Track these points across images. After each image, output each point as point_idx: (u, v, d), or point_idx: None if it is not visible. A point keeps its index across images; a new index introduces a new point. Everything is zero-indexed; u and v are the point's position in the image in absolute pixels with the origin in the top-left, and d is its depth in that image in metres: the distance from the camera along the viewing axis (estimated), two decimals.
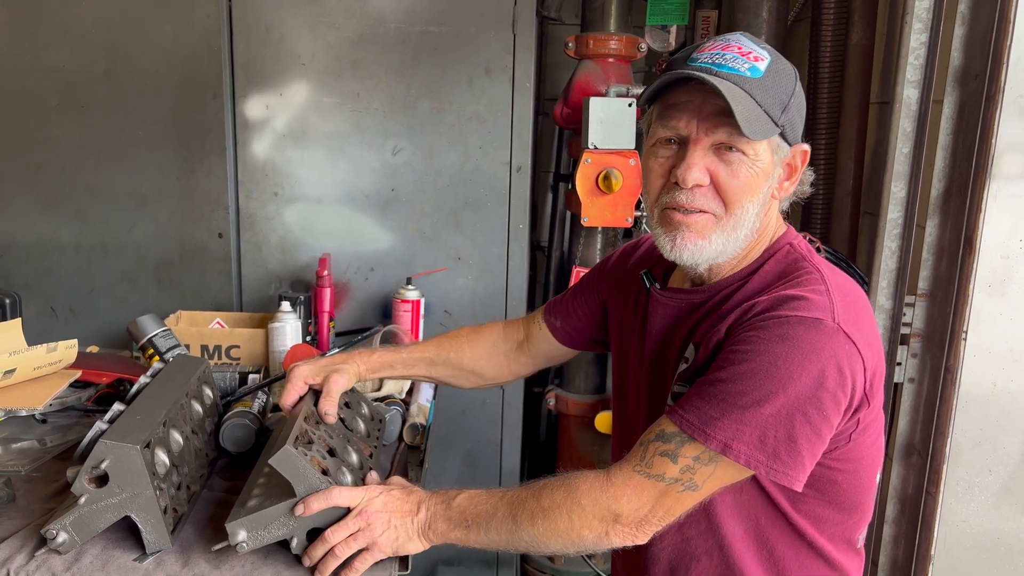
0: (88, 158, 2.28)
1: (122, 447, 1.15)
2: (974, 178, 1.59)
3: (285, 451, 1.14)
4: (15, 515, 1.29)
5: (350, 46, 2.24)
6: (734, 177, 1.10)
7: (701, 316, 1.19)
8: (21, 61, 2.22)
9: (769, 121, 1.08)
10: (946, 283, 1.68)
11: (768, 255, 1.18)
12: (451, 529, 1.16)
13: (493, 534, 1.14)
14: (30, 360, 1.63)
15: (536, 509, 1.13)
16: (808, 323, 1.04)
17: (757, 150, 1.10)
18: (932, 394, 1.71)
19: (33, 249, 2.33)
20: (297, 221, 2.35)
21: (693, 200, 1.11)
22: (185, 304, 2.31)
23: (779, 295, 1.09)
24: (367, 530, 1.15)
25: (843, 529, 1.21)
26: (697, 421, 1.06)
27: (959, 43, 1.62)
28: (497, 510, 1.15)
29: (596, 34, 2.38)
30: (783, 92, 1.09)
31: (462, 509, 1.16)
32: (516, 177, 2.34)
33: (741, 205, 1.11)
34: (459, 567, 2.58)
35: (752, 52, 1.09)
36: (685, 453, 1.07)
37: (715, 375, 1.08)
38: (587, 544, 1.13)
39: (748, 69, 1.07)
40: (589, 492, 1.11)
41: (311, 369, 1.42)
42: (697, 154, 1.10)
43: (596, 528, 1.11)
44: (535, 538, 1.13)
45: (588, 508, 1.10)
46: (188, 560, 1.19)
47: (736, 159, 1.09)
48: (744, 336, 1.07)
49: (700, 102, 1.08)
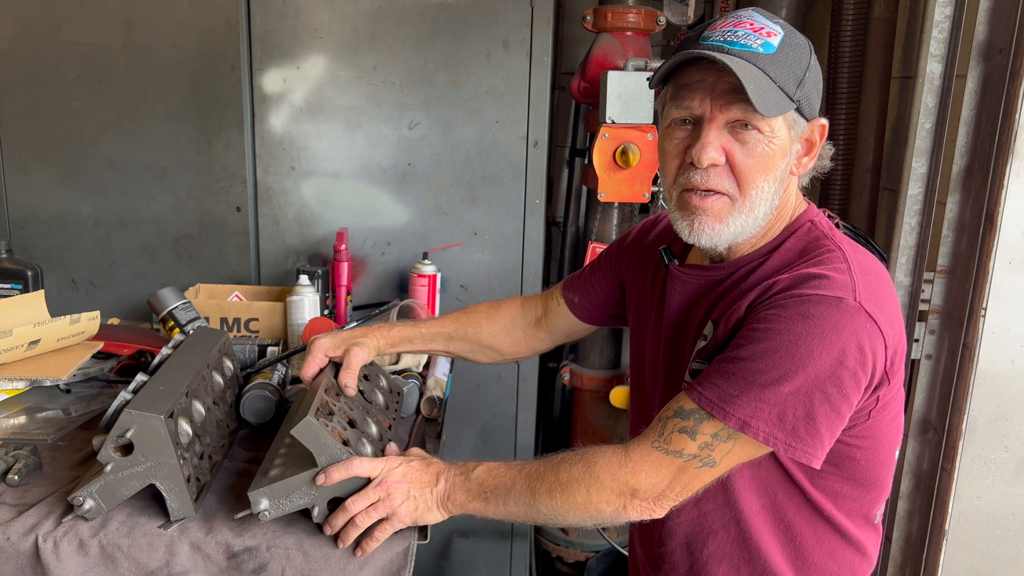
0: (107, 131, 2.29)
1: (146, 416, 1.17)
2: (996, 154, 1.58)
3: (306, 422, 1.16)
4: (42, 482, 1.31)
5: (367, 19, 2.24)
6: (749, 156, 1.09)
7: (720, 293, 1.19)
8: (40, 34, 2.23)
9: (784, 97, 1.07)
10: (966, 260, 1.67)
11: (789, 232, 1.18)
12: (470, 500, 1.17)
13: (511, 506, 1.16)
14: (54, 331, 1.65)
15: (555, 482, 1.14)
16: (829, 302, 1.04)
17: (773, 127, 1.09)
18: (949, 371, 1.71)
19: (53, 222, 2.35)
20: (314, 195, 2.35)
21: (708, 180, 1.11)
22: (204, 277, 2.33)
23: (800, 273, 1.09)
24: (387, 500, 1.17)
25: (861, 505, 1.21)
26: (716, 398, 1.06)
27: (984, 16, 1.60)
28: (516, 483, 1.16)
29: (614, 7, 2.36)
30: (798, 66, 1.08)
31: (481, 481, 1.17)
32: (533, 152, 2.33)
33: (756, 185, 1.10)
34: (474, 539, 2.61)
35: (765, 28, 1.08)
36: (704, 430, 1.07)
37: (734, 352, 1.08)
38: (604, 518, 1.14)
39: (761, 45, 1.06)
40: (607, 467, 1.12)
41: (332, 342, 1.43)
42: (712, 133, 1.09)
43: (614, 502, 1.12)
44: (553, 511, 1.15)
45: (606, 482, 1.12)
46: (211, 528, 1.21)
47: (752, 137, 1.09)
48: (765, 314, 1.07)
49: (713, 80, 1.08)
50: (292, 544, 1.18)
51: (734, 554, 1.23)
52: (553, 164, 2.81)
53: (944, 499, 1.72)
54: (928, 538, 1.76)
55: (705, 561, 1.25)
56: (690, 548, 1.27)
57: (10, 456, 1.34)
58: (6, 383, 1.57)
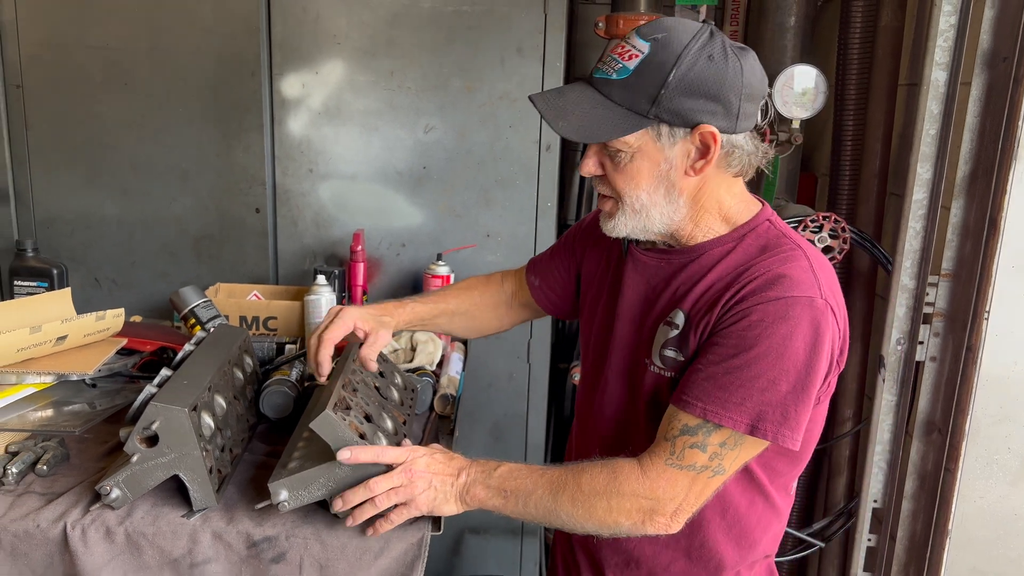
0: (130, 134, 2.35)
1: (171, 409, 1.21)
2: (1000, 160, 1.60)
3: (325, 415, 1.20)
4: (70, 473, 1.36)
5: (385, 25, 2.28)
6: (616, 170, 1.21)
7: (685, 280, 1.25)
8: (67, 39, 2.29)
9: (631, 117, 1.14)
10: (970, 264, 1.69)
11: (748, 229, 1.24)
12: (489, 497, 1.22)
13: (531, 508, 1.21)
14: (81, 327, 1.70)
15: (576, 492, 1.19)
16: (803, 303, 1.13)
17: (631, 144, 1.17)
18: (953, 373, 1.74)
19: (78, 222, 2.41)
20: (331, 197, 2.40)
21: (597, 186, 1.25)
22: (223, 277, 2.38)
23: (771, 275, 1.15)
24: (409, 487, 1.20)
25: (788, 479, 1.31)
26: (721, 409, 1.13)
27: (988, 25, 1.63)
28: (537, 487, 1.20)
29: (626, 14, 2.40)
30: (652, 85, 1.13)
31: (502, 480, 1.22)
32: (545, 156, 2.37)
33: (630, 193, 1.21)
34: (485, 535, 2.64)
35: (631, 51, 1.15)
36: (712, 441, 1.14)
37: (725, 361, 1.14)
38: (622, 530, 1.20)
39: (616, 71, 1.15)
40: (627, 482, 1.17)
41: (361, 314, 1.44)
42: (591, 150, 1.22)
43: (633, 517, 1.17)
44: (572, 518, 1.20)
45: (627, 497, 1.17)
46: (232, 517, 1.25)
47: (616, 155, 1.20)
48: (747, 321, 1.14)
49: None
50: (310, 534, 1.23)
51: None
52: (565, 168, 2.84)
53: (947, 499, 1.74)
54: (932, 538, 1.78)
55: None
56: None
57: (39, 447, 1.39)
58: (35, 377, 1.62)
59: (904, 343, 1.81)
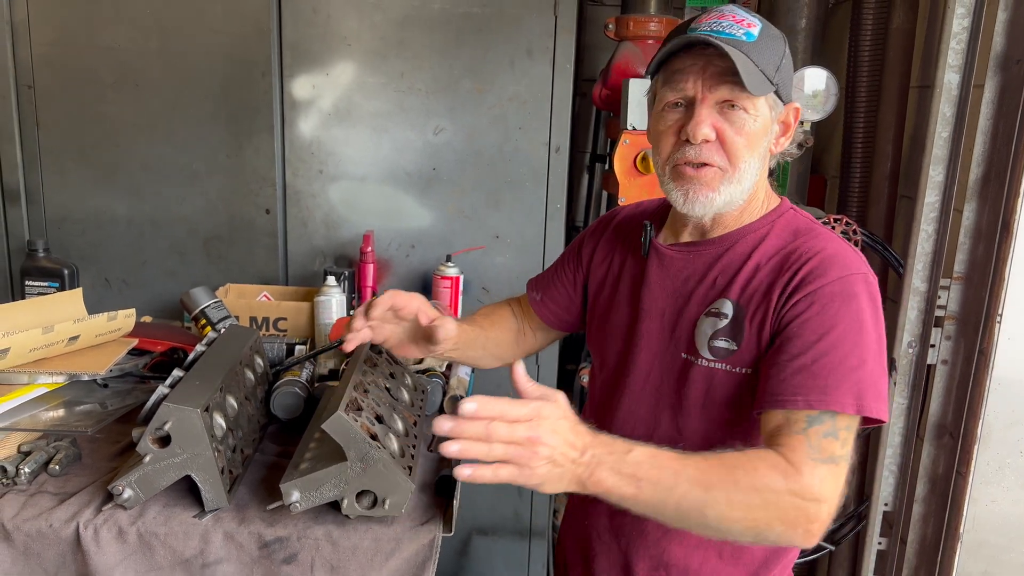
0: (141, 134, 2.35)
1: (183, 410, 1.21)
2: (1013, 163, 1.60)
3: (337, 416, 1.20)
4: (82, 472, 1.36)
5: (395, 27, 2.29)
6: (738, 133, 1.18)
7: (723, 270, 1.25)
8: (78, 40, 2.30)
9: (765, 80, 1.16)
10: (982, 267, 1.69)
11: (777, 215, 1.27)
12: (618, 485, 1.03)
13: (671, 503, 1.05)
14: (92, 328, 1.71)
15: (733, 489, 1.05)
16: (859, 278, 1.16)
17: (757, 106, 1.18)
18: (965, 376, 1.73)
19: (88, 222, 2.42)
20: (341, 198, 2.41)
21: (701, 154, 1.19)
22: (233, 277, 2.39)
23: (823, 256, 1.17)
24: (529, 451, 0.99)
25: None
26: (824, 397, 1.11)
27: (1001, 28, 1.62)
28: (680, 479, 1.04)
29: (636, 16, 2.40)
30: (775, 54, 1.18)
31: (637, 466, 1.04)
32: (554, 157, 2.37)
33: (744, 159, 1.19)
34: (493, 536, 2.65)
35: (745, 20, 1.17)
36: (839, 425, 1.11)
37: (812, 351, 1.13)
38: (771, 536, 1.09)
39: (743, 34, 1.16)
40: (787, 481, 1.07)
41: (425, 305, 1.38)
42: (704, 111, 1.17)
43: (789, 522, 1.07)
44: (723, 520, 1.06)
45: (786, 498, 1.07)
46: (244, 518, 1.25)
47: (739, 116, 1.18)
48: (819, 307, 1.14)
49: (703, 64, 1.17)
50: (322, 535, 1.23)
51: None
52: (574, 169, 2.84)
53: (959, 503, 1.74)
54: (943, 542, 1.78)
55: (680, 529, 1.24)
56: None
57: (51, 447, 1.39)
58: (47, 377, 1.63)
59: (916, 346, 1.80)
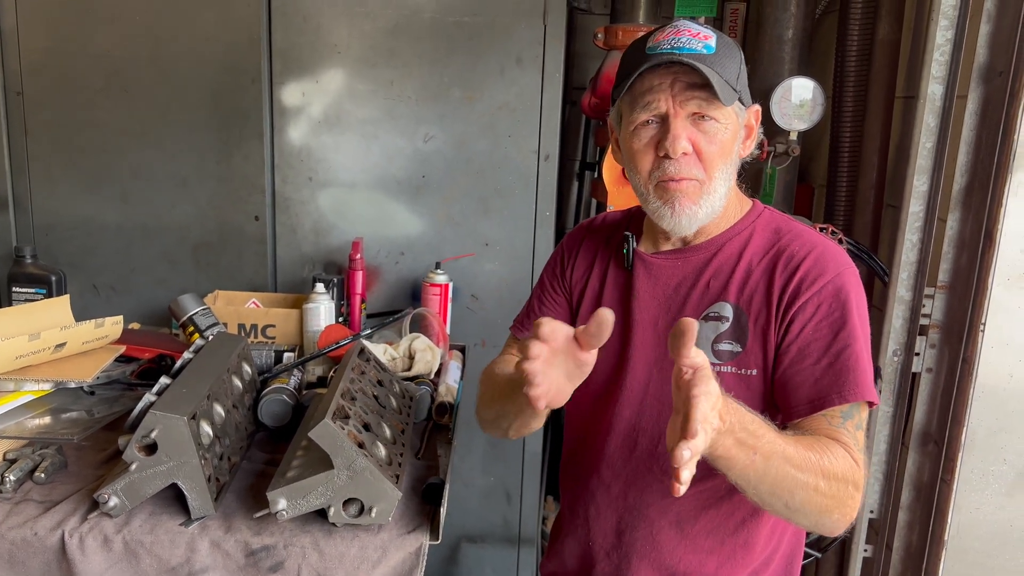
0: (131, 141, 2.35)
1: (170, 418, 1.22)
2: (996, 173, 1.62)
3: (324, 424, 1.20)
4: (68, 480, 1.36)
5: (385, 35, 2.29)
6: (712, 143, 1.21)
7: (715, 274, 1.27)
8: (68, 46, 2.29)
9: (730, 89, 1.19)
10: (966, 276, 1.71)
11: (756, 215, 1.31)
12: (738, 454, 1.01)
13: (768, 481, 1.04)
14: (79, 335, 1.70)
15: (820, 473, 1.07)
16: (850, 270, 1.23)
17: (726, 115, 1.21)
18: (949, 384, 1.75)
19: (77, 229, 2.41)
20: (330, 205, 2.41)
21: (680, 169, 1.21)
22: (222, 284, 2.38)
23: (815, 254, 1.22)
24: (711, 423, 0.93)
25: None
26: (857, 388, 1.16)
27: (984, 40, 1.64)
28: (784, 461, 1.05)
29: (625, 25, 2.41)
30: (734, 62, 1.22)
31: (757, 438, 1.02)
32: (544, 165, 2.38)
33: (719, 168, 1.22)
34: (482, 544, 2.65)
35: (701, 32, 1.21)
36: (863, 416, 1.18)
37: (832, 349, 1.18)
38: (830, 523, 1.12)
39: (703, 47, 1.19)
40: (852, 476, 1.11)
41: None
42: (679, 125, 1.20)
43: (847, 510, 1.12)
44: (808, 502, 1.08)
45: (851, 488, 1.11)
46: (231, 526, 1.26)
47: (711, 127, 1.21)
48: (827, 307, 1.20)
49: (671, 81, 1.19)
50: (308, 543, 1.23)
51: (720, 527, 1.30)
52: (564, 177, 2.85)
53: (943, 510, 1.75)
54: (928, 548, 1.79)
55: (695, 536, 1.30)
56: (681, 526, 1.31)
57: (37, 455, 1.38)
58: (33, 384, 1.62)
59: (900, 354, 1.82)
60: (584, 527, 1.39)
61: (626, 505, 1.33)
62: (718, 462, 1.02)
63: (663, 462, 1.29)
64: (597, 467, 1.35)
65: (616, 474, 1.33)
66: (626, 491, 1.33)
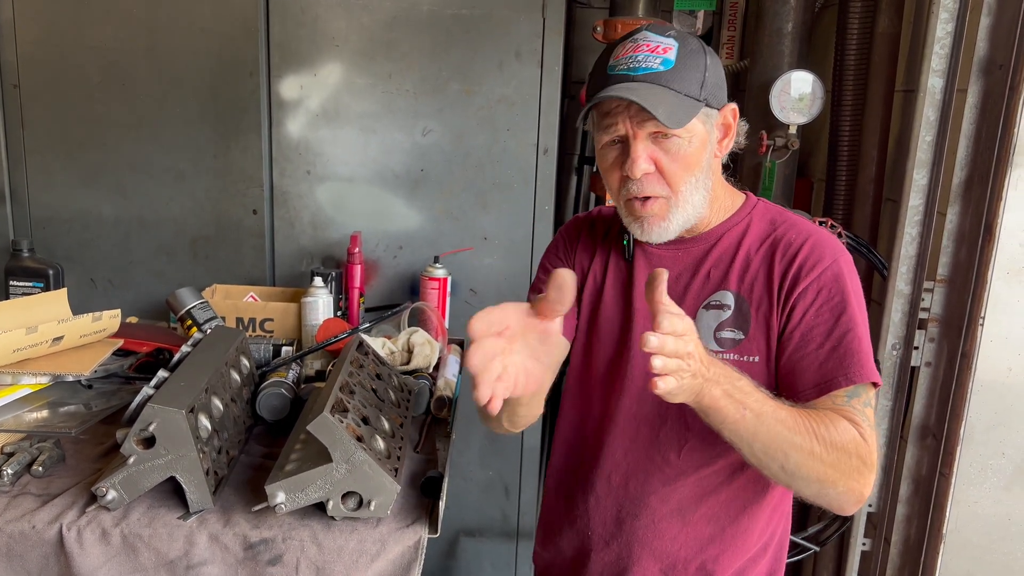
0: (128, 134, 2.34)
1: (168, 411, 1.21)
2: (996, 167, 1.61)
3: (323, 418, 1.20)
4: (66, 474, 1.36)
5: (383, 28, 2.29)
6: (674, 160, 1.21)
7: (715, 263, 1.29)
8: (65, 39, 2.29)
9: (691, 102, 1.18)
10: (965, 270, 1.70)
11: (751, 206, 1.32)
12: (727, 406, 1.06)
13: (762, 434, 1.09)
14: (77, 328, 1.70)
15: (815, 445, 1.10)
16: (845, 256, 1.25)
17: (689, 129, 1.20)
18: (948, 378, 1.74)
19: (74, 222, 2.40)
20: (329, 199, 2.40)
21: (643, 188, 1.22)
22: (220, 278, 2.38)
23: (811, 243, 1.24)
24: (684, 368, 0.99)
25: None
26: (863, 370, 1.18)
27: (984, 33, 1.64)
28: (775, 420, 1.09)
29: (624, 18, 2.40)
30: (696, 71, 1.20)
31: (745, 394, 1.08)
32: (543, 159, 2.38)
33: (684, 182, 1.22)
34: (480, 538, 2.65)
35: (660, 45, 1.19)
36: (869, 395, 1.20)
37: (834, 333, 1.20)
38: (833, 495, 1.14)
39: (660, 63, 1.18)
40: (856, 449, 1.13)
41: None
42: (639, 147, 1.20)
43: (853, 485, 1.14)
44: (799, 466, 1.10)
45: (854, 465, 1.13)
46: (229, 519, 1.25)
47: (673, 144, 1.20)
48: (827, 293, 1.21)
49: (627, 104, 1.18)
50: (307, 536, 1.23)
51: (721, 514, 1.31)
52: (563, 171, 2.85)
53: (942, 504, 1.75)
54: (926, 542, 1.79)
55: (695, 523, 1.31)
56: (682, 514, 1.32)
57: (34, 448, 1.38)
58: (30, 378, 1.62)
59: (899, 348, 1.82)
60: (583, 517, 1.40)
61: (627, 494, 1.34)
62: (709, 414, 1.08)
63: (664, 450, 1.30)
64: (597, 457, 1.36)
65: (617, 463, 1.34)
66: (627, 480, 1.33)
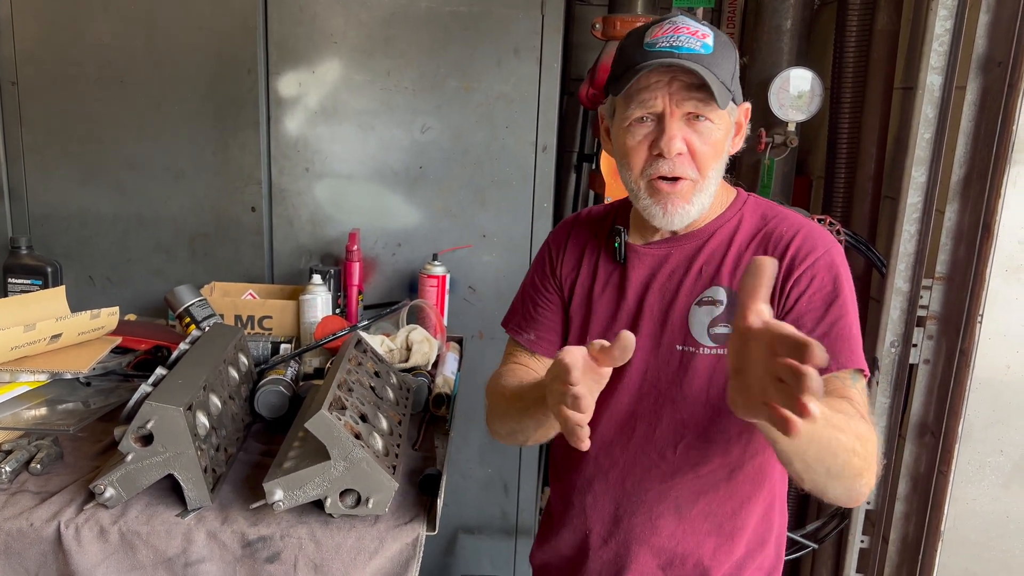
0: (127, 132, 2.34)
1: (166, 408, 1.21)
2: (994, 164, 1.61)
3: (320, 415, 1.20)
4: (64, 471, 1.36)
5: (382, 25, 2.28)
6: (705, 143, 1.21)
7: (708, 260, 1.29)
8: (63, 36, 2.28)
9: (726, 90, 1.19)
10: (963, 267, 1.70)
11: (742, 203, 1.33)
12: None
13: (815, 444, 1.02)
14: (75, 326, 1.70)
15: (855, 441, 1.05)
16: (836, 247, 1.25)
17: (721, 116, 1.21)
18: (946, 375, 1.74)
19: (73, 219, 2.40)
20: (327, 196, 2.40)
21: (674, 168, 1.21)
22: (218, 275, 2.37)
23: (803, 234, 1.25)
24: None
25: None
26: (853, 356, 1.19)
27: (983, 30, 1.63)
28: (831, 425, 1.02)
29: (623, 16, 2.40)
30: (730, 62, 1.22)
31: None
32: (541, 156, 2.37)
33: (711, 167, 1.23)
34: (479, 535, 2.65)
35: (699, 31, 1.20)
36: (863, 383, 1.20)
37: (825, 321, 1.20)
38: (858, 487, 1.11)
39: (701, 46, 1.18)
40: (872, 436, 1.11)
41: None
42: (675, 126, 1.20)
43: (868, 480, 1.11)
44: (845, 465, 1.05)
45: (872, 452, 1.10)
46: (227, 517, 1.25)
47: (705, 127, 1.21)
48: (819, 282, 1.22)
49: (668, 80, 1.19)
50: (305, 534, 1.23)
51: (718, 510, 1.32)
52: (561, 168, 2.85)
53: (940, 501, 1.75)
54: (924, 539, 1.79)
55: (693, 519, 1.32)
56: (679, 510, 1.32)
57: (32, 446, 1.38)
58: (28, 375, 1.62)
59: (898, 346, 1.82)
60: (581, 515, 1.39)
61: (624, 491, 1.34)
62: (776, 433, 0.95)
63: (661, 447, 1.30)
64: (594, 455, 1.36)
65: (614, 461, 1.34)
66: (624, 478, 1.33)
